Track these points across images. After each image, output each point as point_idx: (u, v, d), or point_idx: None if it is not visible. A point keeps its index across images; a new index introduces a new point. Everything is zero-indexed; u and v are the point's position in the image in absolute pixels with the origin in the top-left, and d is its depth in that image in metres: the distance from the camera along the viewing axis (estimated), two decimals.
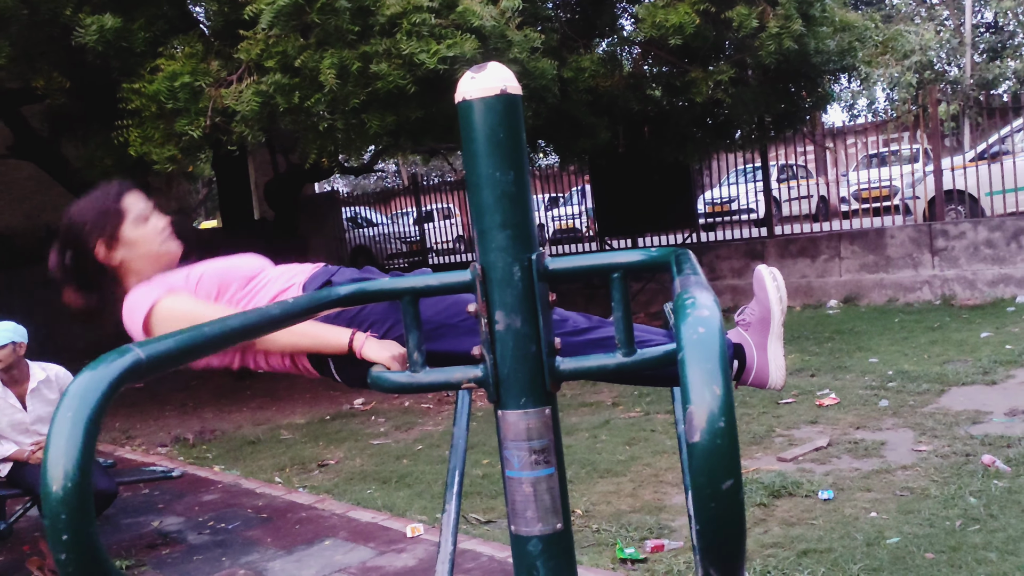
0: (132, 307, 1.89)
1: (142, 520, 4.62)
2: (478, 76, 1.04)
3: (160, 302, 1.85)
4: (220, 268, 1.96)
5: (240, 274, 1.95)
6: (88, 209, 1.95)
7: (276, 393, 8.06)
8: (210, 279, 1.92)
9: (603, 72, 7.09)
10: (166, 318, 1.84)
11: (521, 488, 1.11)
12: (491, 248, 1.04)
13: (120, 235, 1.93)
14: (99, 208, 1.94)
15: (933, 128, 9.76)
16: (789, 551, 3.30)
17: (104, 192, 1.98)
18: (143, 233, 1.95)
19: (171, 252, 2.00)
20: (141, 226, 1.95)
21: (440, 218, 15.57)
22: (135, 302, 1.89)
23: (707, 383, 0.53)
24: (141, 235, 1.95)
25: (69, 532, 0.57)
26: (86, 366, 0.65)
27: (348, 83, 5.12)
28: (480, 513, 4.14)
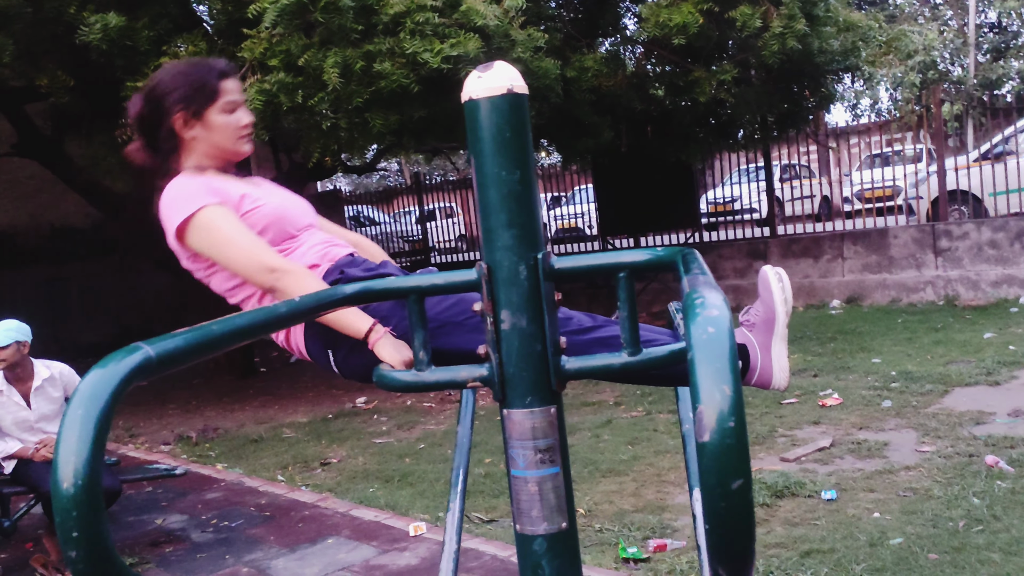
0: (177, 199, 1.83)
1: (145, 518, 4.63)
2: (484, 75, 1.04)
3: (206, 209, 1.80)
4: (274, 211, 1.91)
5: (286, 226, 1.91)
6: (185, 76, 1.89)
7: (278, 392, 8.07)
8: (261, 217, 1.87)
9: (606, 72, 7.09)
10: (205, 227, 1.80)
11: (526, 487, 1.12)
12: (497, 247, 1.04)
13: (204, 115, 1.89)
14: (196, 81, 1.88)
15: (936, 128, 9.75)
16: (792, 551, 3.30)
17: (206, 66, 1.93)
18: (226, 122, 1.90)
19: (241, 152, 1.95)
20: (227, 115, 1.91)
21: (443, 217, 15.58)
22: (182, 196, 1.82)
23: (717, 383, 0.53)
24: (223, 123, 1.90)
25: (80, 529, 0.57)
26: (96, 364, 0.65)
27: (351, 82, 5.12)
28: (483, 512, 4.14)
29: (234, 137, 1.93)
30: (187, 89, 1.87)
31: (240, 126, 1.93)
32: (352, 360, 1.79)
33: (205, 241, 1.81)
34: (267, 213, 1.89)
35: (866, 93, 25.86)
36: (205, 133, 1.90)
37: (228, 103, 1.91)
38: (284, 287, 1.74)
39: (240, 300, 1.93)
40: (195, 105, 1.88)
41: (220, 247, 1.80)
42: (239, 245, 1.79)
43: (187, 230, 1.81)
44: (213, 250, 1.81)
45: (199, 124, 1.89)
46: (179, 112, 1.88)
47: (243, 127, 1.94)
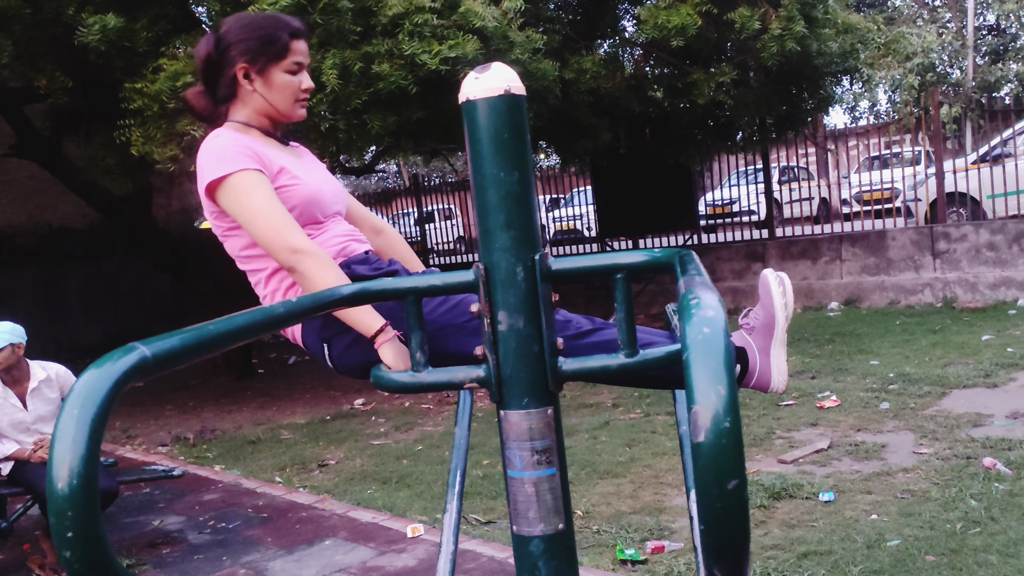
0: (215, 156, 1.79)
1: (143, 519, 4.62)
2: (482, 76, 1.05)
3: (242, 174, 1.78)
4: (309, 193, 1.88)
5: (315, 211, 1.89)
6: (257, 28, 1.87)
7: (276, 394, 8.07)
8: (295, 196, 1.85)
9: (605, 73, 7.10)
10: (238, 191, 1.77)
11: (523, 488, 1.12)
12: (495, 248, 1.04)
13: (268, 71, 1.86)
14: (267, 35, 1.86)
15: (935, 130, 9.76)
16: (789, 553, 3.30)
17: (280, 21, 1.90)
18: (287, 81, 1.88)
19: (296, 116, 1.93)
20: (289, 75, 1.88)
21: (441, 219, 15.58)
22: (222, 154, 1.79)
23: (712, 383, 0.53)
24: (285, 82, 1.88)
25: (75, 530, 0.57)
26: (91, 363, 0.65)
27: (350, 83, 5.13)
28: (480, 513, 4.14)
29: (292, 99, 1.90)
30: (256, 42, 1.85)
31: (301, 89, 1.91)
32: (348, 356, 1.78)
33: (235, 204, 1.78)
34: (301, 193, 1.87)
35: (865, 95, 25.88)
36: (265, 89, 1.88)
37: (294, 63, 1.88)
38: (304, 270, 1.73)
39: (251, 268, 1.91)
40: (262, 59, 1.85)
41: (249, 214, 1.77)
42: (268, 217, 1.76)
43: (219, 189, 1.79)
44: (242, 215, 1.78)
45: (261, 79, 1.87)
46: (243, 63, 1.85)
47: (303, 91, 1.92)
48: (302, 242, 1.75)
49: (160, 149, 5.53)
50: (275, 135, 1.96)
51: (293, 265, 1.74)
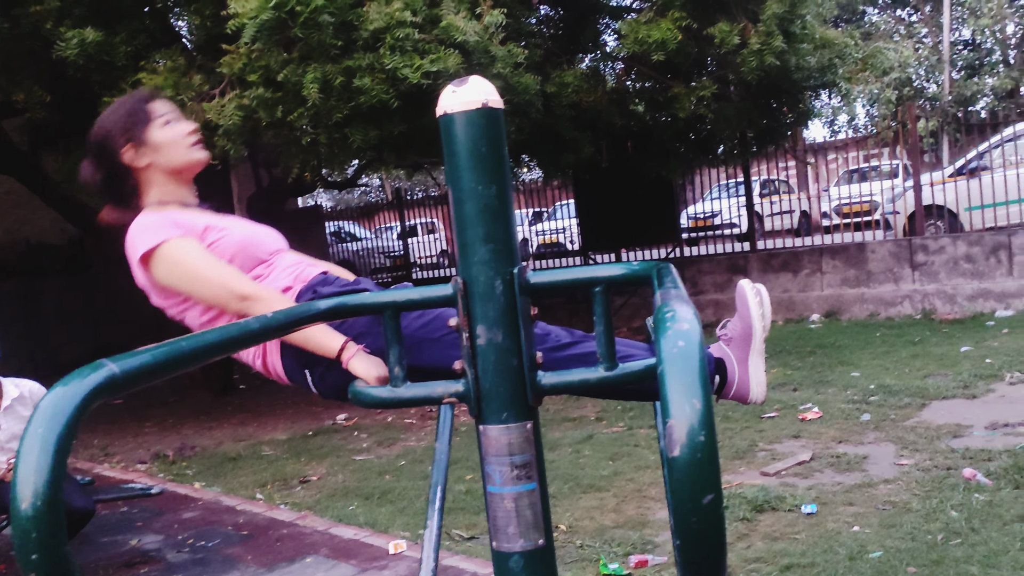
0: (141, 232, 1.83)
1: (120, 538, 4.56)
2: (459, 90, 1.04)
3: (171, 242, 1.81)
4: (241, 239, 1.91)
5: (256, 252, 1.91)
6: (115, 112, 1.93)
7: (257, 409, 8.00)
8: (228, 247, 1.87)
9: (586, 87, 7.14)
10: (171, 258, 1.80)
11: (503, 504, 1.11)
12: (473, 262, 1.04)
13: (147, 137, 1.90)
14: (126, 110, 1.92)
15: (912, 144, 9.88)
16: (772, 566, 3.30)
17: (131, 96, 1.97)
18: (170, 136, 1.92)
19: (197, 160, 1.96)
20: (168, 129, 1.92)
21: (424, 232, 15.57)
22: (147, 228, 1.83)
23: (687, 396, 0.53)
24: (168, 138, 1.91)
25: (39, 551, 0.56)
26: (58, 381, 0.64)
27: (331, 97, 5.12)
28: (463, 529, 4.11)
29: (184, 147, 1.94)
30: (122, 118, 1.91)
31: (186, 134, 1.95)
32: (329, 379, 1.77)
33: (172, 273, 1.82)
34: (234, 241, 1.89)
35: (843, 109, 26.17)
36: (156, 154, 1.91)
37: (164, 119, 1.93)
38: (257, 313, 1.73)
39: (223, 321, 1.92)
40: (135, 129, 1.90)
41: (188, 277, 1.81)
42: (207, 274, 1.79)
43: (152, 263, 1.82)
44: (182, 282, 1.82)
45: (146, 147, 1.91)
46: (126, 145, 1.90)
47: (189, 134, 1.95)
48: (249, 287, 1.79)
49: None
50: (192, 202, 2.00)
51: (245, 311, 1.75)
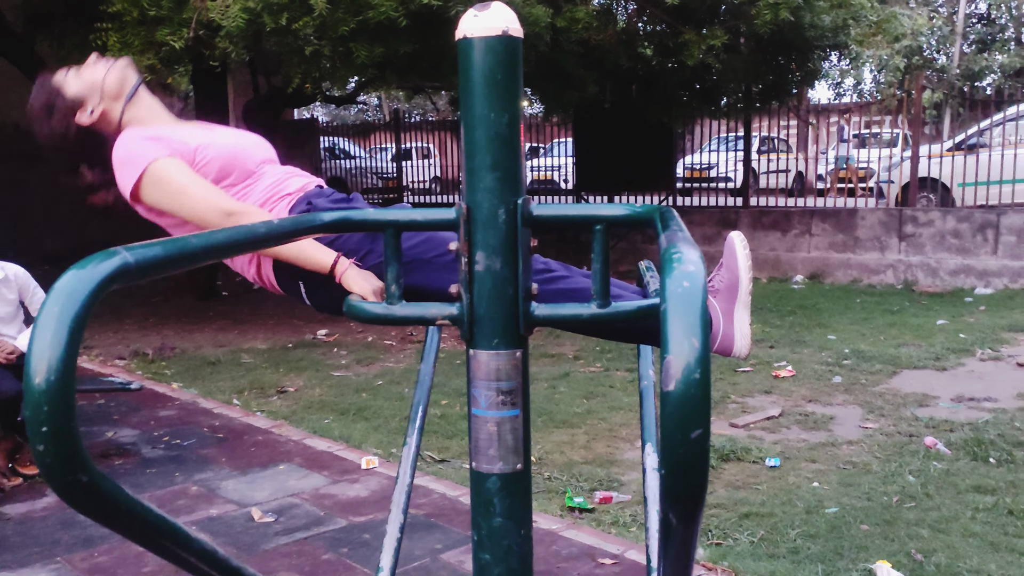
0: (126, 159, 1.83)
1: (96, 429, 4.62)
2: (481, 15, 1.03)
3: (156, 163, 1.81)
4: (228, 150, 1.90)
5: (244, 165, 1.91)
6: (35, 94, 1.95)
7: (239, 317, 8.03)
8: (215, 161, 1.87)
9: (596, 25, 7.01)
10: (159, 180, 1.80)
11: (485, 427, 1.14)
12: (478, 188, 1.05)
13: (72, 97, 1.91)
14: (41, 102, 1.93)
15: (915, 114, 9.83)
16: (732, 513, 3.41)
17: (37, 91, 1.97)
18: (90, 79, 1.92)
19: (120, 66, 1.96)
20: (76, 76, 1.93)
21: (419, 157, 15.42)
22: (131, 154, 1.83)
23: (687, 334, 0.55)
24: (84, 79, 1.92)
25: (49, 424, 0.58)
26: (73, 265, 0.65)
27: (339, 9, 5.01)
28: (435, 452, 4.20)
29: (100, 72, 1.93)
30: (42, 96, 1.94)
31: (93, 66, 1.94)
32: (325, 293, 1.79)
33: (160, 194, 1.83)
34: (223, 153, 1.89)
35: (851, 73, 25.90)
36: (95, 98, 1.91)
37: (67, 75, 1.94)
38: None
39: None
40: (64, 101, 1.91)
41: (175, 198, 1.81)
42: (193, 193, 1.80)
43: (140, 188, 1.82)
44: (169, 201, 1.83)
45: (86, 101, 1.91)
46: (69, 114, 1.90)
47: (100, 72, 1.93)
48: (234, 204, 1.80)
49: (137, 57, 5.37)
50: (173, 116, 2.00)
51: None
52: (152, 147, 1.82)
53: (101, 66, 1.94)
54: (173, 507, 3.51)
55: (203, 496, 3.64)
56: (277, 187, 1.90)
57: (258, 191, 1.89)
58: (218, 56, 5.41)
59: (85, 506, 0.63)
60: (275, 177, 1.92)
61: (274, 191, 1.89)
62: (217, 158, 1.87)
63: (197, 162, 1.86)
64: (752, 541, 3.15)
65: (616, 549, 3.03)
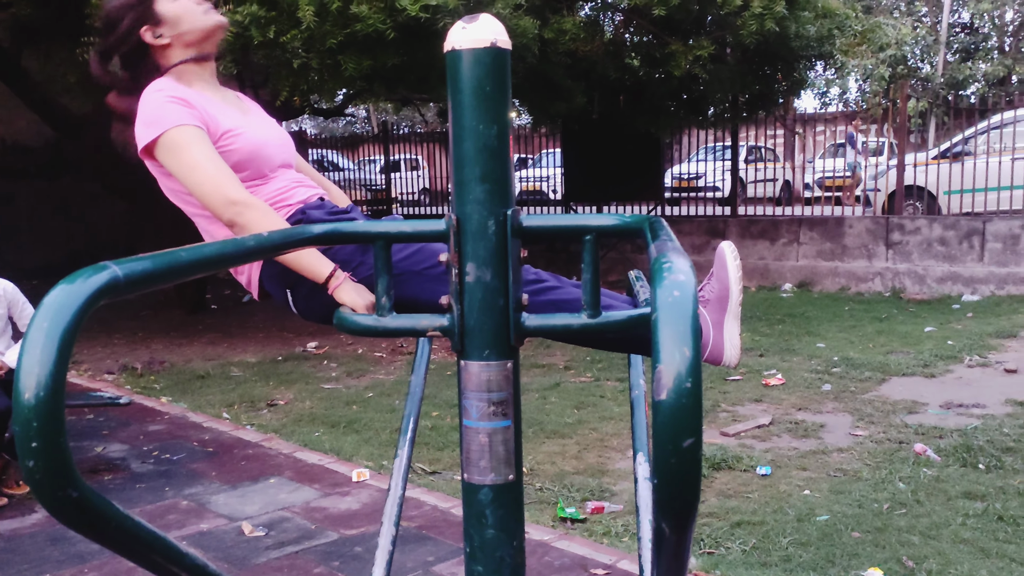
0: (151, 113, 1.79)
1: (85, 445, 4.58)
2: (469, 27, 1.04)
3: (179, 129, 1.77)
4: (253, 147, 1.87)
5: (261, 165, 1.88)
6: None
7: (228, 330, 8.00)
8: (237, 152, 1.84)
9: (584, 36, 7.05)
10: (175, 147, 1.77)
11: (477, 438, 1.14)
12: (468, 200, 1.05)
13: (160, 13, 1.85)
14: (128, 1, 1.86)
15: (900, 123, 9.91)
16: (724, 521, 3.41)
17: None
18: (183, 7, 1.87)
19: (216, 24, 1.91)
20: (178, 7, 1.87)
21: (407, 169, 15.42)
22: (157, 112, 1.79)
23: (678, 344, 0.55)
24: (181, 9, 1.87)
25: (39, 439, 0.58)
26: (61, 280, 0.65)
27: (326, 22, 5.02)
28: (426, 463, 4.19)
29: (199, 14, 1.88)
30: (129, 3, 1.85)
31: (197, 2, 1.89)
32: (313, 301, 1.78)
33: (173, 161, 1.79)
34: (245, 148, 1.86)
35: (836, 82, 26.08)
36: (174, 30, 1.86)
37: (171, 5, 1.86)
38: (245, 222, 1.73)
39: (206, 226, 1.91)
40: (147, 9, 1.84)
41: (187, 170, 1.77)
42: (204, 171, 1.76)
43: (156, 149, 1.79)
44: (180, 171, 1.78)
45: (163, 25, 1.86)
46: (143, 26, 1.84)
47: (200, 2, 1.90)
48: (241, 194, 1.76)
49: None
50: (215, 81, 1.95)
51: (233, 218, 1.74)
52: (179, 111, 1.78)
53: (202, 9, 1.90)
54: (163, 522, 3.48)
55: (193, 511, 3.62)
56: (281, 196, 1.89)
57: (263, 194, 1.87)
58: None
59: (75, 522, 0.63)
60: (282, 184, 1.91)
61: (278, 199, 1.88)
62: (240, 150, 1.84)
63: (220, 144, 1.82)
64: (744, 550, 3.15)
65: (608, 559, 3.02)
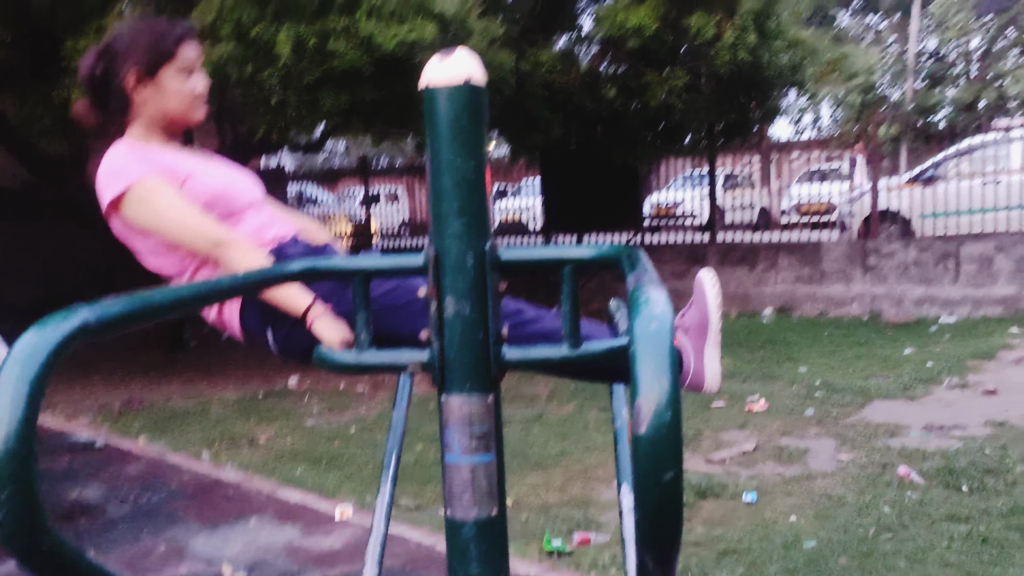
0: (113, 171, 1.78)
1: (60, 489, 4.49)
2: (444, 62, 1.05)
3: (139, 182, 1.76)
4: (218, 186, 1.86)
5: (229, 204, 1.86)
6: (142, 34, 1.82)
7: (208, 368, 7.91)
8: (203, 194, 1.82)
9: (560, 68, 7.14)
10: (142, 198, 1.76)
11: (459, 473, 1.13)
12: (446, 234, 1.05)
13: (158, 74, 1.82)
14: (153, 38, 1.81)
15: (873, 149, 10.07)
16: (710, 550, 3.39)
17: (167, 25, 1.86)
18: (179, 86, 1.84)
19: (193, 119, 1.89)
20: (182, 77, 1.84)
21: (387, 202, 15.45)
22: (119, 168, 1.78)
23: (657, 376, 0.55)
24: (177, 88, 1.84)
25: (10, 491, 0.57)
26: (33, 324, 0.64)
27: (303, 59, 5.05)
28: (410, 498, 4.14)
29: (187, 102, 1.86)
30: (143, 46, 1.81)
31: (195, 92, 1.87)
32: (293, 339, 1.77)
33: (145, 213, 1.77)
34: (210, 188, 1.85)
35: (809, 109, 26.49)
36: (156, 95, 1.84)
37: (185, 66, 1.84)
38: (229, 260, 1.72)
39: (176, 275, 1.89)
40: (151, 64, 1.81)
41: (160, 218, 1.76)
42: (180, 217, 1.76)
43: (123, 203, 1.77)
44: (153, 221, 1.77)
45: (151, 84, 1.83)
46: (133, 69, 1.81)
47: (198, 93, 1.88)
48: (222, 232, 1.76)
49: None
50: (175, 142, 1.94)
51: (218, 256, 1.75)
52: (141, 165, 1.78)
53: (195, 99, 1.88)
54: (141, 566, 3.41)
55: (172, 553, 3.55)
56: (255, 236, 1.88)
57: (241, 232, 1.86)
58: None
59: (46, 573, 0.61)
60: (256, 224, 1.89)
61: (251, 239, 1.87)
62: (205, 191, 1.83)
63: (185, 189, 1.82)
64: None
65: None
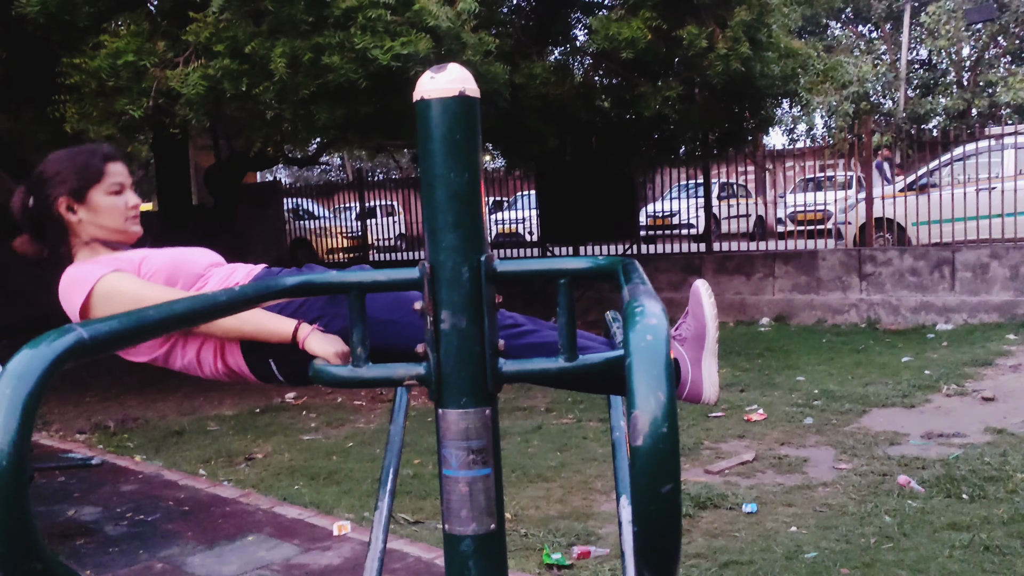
0: (73, 282, 1.81)
1: (56, 508, 4.47)
2: (437, 76, 1.05)
3: (105, 278, 1.79)
4: (171, 257, 1.91)
5: (190, 270, 1.91)
6: (67, 160, 1.88)
7: (204, 384, 7.88)
8: (161, 271, 1.87)
9: (554, 80, 7.15)
10: (109, 294, 1.78)
11: (457, 487, 1.12)
12: (441, 247, 1.05)
13: (88, 196, 1.86)
14: (79, 163, 1.87)
15: (866, 157, 10.10)
16: (711, 563, 3.37)
17: (89, 150, 1.92)
18: (111, 204, 1.88)
19: (131, 234, 1.94)
20: (112, 197, 1.88)
21: (383, 215, 15.46)
22: (77, 277, 1.81)
23: (653, 389, 0.55)
24: (109, 205, 1.88)
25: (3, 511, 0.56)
26: (26, 344, 0.63)
27: (298, 73, 5.06)
28: (409, 513, 4.12)
29: (122, 218, 1.91)
30: (70, 171, 1.86)
31: (128, 207, 1.92)
32: (294, 364, 1.77)
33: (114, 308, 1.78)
34: (166, 260, 1.89)
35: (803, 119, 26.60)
36: (91, 216, 1.88)
37: (113, 184, 1.89)
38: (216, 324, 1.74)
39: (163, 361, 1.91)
40: (78, 187, 1.86)
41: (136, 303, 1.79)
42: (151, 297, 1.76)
43: (91, 305, 1.79)
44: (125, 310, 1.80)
45: (83, 207, 1.87)
46: (62, 196, 1.86)
47: (131, 208, 1.93)
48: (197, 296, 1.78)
49: (96, 127, 5.36)
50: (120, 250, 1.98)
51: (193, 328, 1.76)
52: (96, 267, 1.82)
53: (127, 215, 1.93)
54: None
55: (169, 573, 3.52)
56: (225, 283, 1.90)
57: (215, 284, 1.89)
58: (179, 123, 5.41)
59: None
60: (222, 275, 1.94)
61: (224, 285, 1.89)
62: (163, 267, 1.88)
63: (144, 272, 1.86)
64: None
65: None
